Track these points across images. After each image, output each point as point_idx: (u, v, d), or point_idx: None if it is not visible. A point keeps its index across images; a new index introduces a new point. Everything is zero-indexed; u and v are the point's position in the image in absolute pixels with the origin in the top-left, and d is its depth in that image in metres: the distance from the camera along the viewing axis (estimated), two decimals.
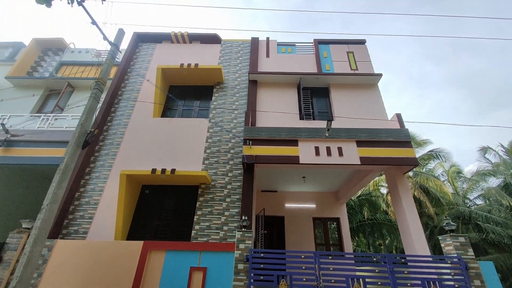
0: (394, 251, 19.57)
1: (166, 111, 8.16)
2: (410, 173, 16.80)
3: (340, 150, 6.26)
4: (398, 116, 6.95)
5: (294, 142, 6.46)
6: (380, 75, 8.01)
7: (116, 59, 6.40)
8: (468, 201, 17.46)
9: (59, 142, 7.06)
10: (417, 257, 4.66)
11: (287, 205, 10.11)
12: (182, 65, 7.89)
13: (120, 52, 6.26)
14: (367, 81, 8.10)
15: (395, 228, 14.61)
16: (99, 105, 6.27)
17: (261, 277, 4.52)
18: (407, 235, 5.79)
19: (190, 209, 6.46)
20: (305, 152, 6.30)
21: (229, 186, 6.55)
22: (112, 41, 6.30)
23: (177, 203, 6.64)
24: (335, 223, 10.17)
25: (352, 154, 6.23)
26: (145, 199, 6.75)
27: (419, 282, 4.25)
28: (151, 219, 6.45)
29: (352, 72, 8.27)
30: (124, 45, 8.02)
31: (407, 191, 6.27)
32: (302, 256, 4.66)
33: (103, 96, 7.43)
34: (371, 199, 16.12)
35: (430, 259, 4.68)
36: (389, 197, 15.10)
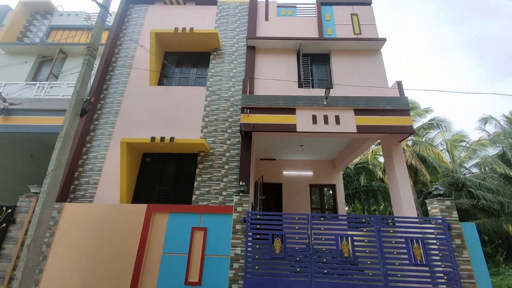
0: None
1: (163, 79, 8.01)
2: (409, 142, 16.95)
3: (337, 119, 6.26)
4: (399, 83, 6.81)
5: (291, 111, 6.45)
6: (384, 40, 7.65)
7: (107, 22, 6.10)
8: (464, 170, 17.83)
9: (58, 110, 7.07)
10: (403, 218, 4.95)
11: (285, 172, 10.42)
12: (176, 29, 7.54)
13: (110, 15, 5.93)
14: (370, 46, 7.77)
15: (390, 194, 15.21)
16: (94, 72, 6.14)
17: (257, 236, 4.88)
18: (397, 199, 6.07)
19: (190, 176, 6.71)
20: (302, 120, 6.32)
21: (227, 154, 6.71)
22: (101, 3, 5.95)
23: (177, 170, 6.87)
24: (331, 189, 10.57)
25: (349, 122, 6.25)
26: (147, 166, 6.98)
27: (403, 240, 4.58)
28: (154, 185, 6.74)
29: (355, 36, 7.89)
30: (114, 7, 7.60)
31: (401, 158, 6.42)
32: (296, 218, 4.96)
33: (97, 63, 7.24)
34: (368, 167, 16.48)
35: (416, 220, 4.98)
36: None
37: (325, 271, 4.49)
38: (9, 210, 5.36)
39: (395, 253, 4.54)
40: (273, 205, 10.05)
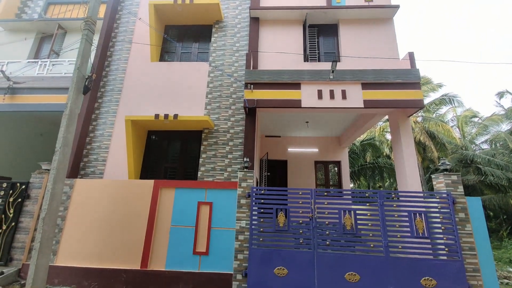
0: None
1: (164, 54, 7.81)
2: (419, 119, 16.54)
3: (343, 93, 6.07)
4: (411, 55, 6.46)
5: (296, 86, 6.26)
6: (397, 7, 7.13)
7: None
8: (474, 146, 17.47)
9: (62, 88, 7.06)
10: (407, 192, 4.96)
11: (290, 149, 10.42)
12: (175, 0, 7.18)
13: None
14: (382, 14, 7.28)
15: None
16: (93, 48, 6.01)
17: (262, 210, 5.00)
18: (402, 174, 6.04)
19: (195, 153, 6.78)
20: (307, 95, 6.16)
21: (231, 131, 6.68)
22: None
23: (182, 147, 6.94)
24: (336, 166, 10.58)
25: (356, 97, 6.06)
26: (153, 144, 7.06)
27: (406, 214, 4.62)
28: (160, 162, 6.87)
29: (366, 4, 7.37)
30: None
31: (409, 134, 6.27)
32: (300, 193, 5.03)
33: (96, 39, 7.06)
34: (375, 143, 16.29)
35: (420, 194, 4.97)
36: None
37: (328, 242, 4.63)
38: (23, 186, 5.59)
39: (397, 226, 4.60)
40: (278, 181, 10.19)
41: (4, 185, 5.62)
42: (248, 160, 5.40)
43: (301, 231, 4.78)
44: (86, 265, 5.03)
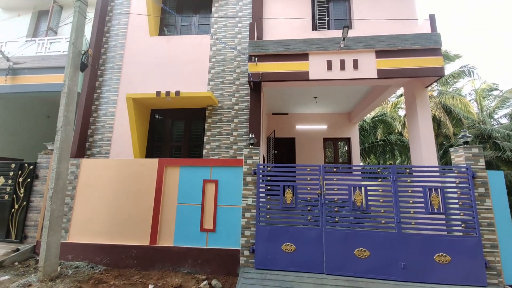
0: None
1: (163, 28, 7.40)
2: (434, 93, 15.68)
3: (355, 63, 5.62)
4: (431, 17, 5.82)
5: (304, 56, 5.83)
6: None
7: None
8: (492, 120, 16.60)
9: (63, 67, 6.85)
10: (422, 167, 4.68)
11: (298, 126, 10.11)
12: None
13: None
14: None
15: (408, 148, 14.69)
16: (88, 21, 5.69)
17: (268, 187, 4.86)
18: (417, 149, 5.71)
19: (199, 131, 6.61)
20: (315, 66, 5.74)
21: (236, 107, 6.42)
22: None
23: (186, 126, 6.77)
24: (345, 143, 10.26)
25: (369, 66, 5.60)
26: (157, 123, 6.92)
27: (421, 189, 4.38)
28: (165, 141, 6.76)
29: None
30: None
31: (426, 105, 5.84)
32: (308, 169, 4.83)
33: (92, 12, 6.71)
34: (386, 119, 15.68)
35: (436, 169, 4.68)
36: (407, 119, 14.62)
37: (336, 219, 4.49)
38: (31, 167, 5.63)
39: (410, 202, 4.39)
40: (286, 160, 10.02)
41: (13, 166, 5.67)
42: (253, 136, 5.19)
43: (309, 208, 4.65)
44: (97, 241, 5.13)
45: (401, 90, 18.22)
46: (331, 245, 4.38)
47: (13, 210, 5.43)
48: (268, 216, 4.75)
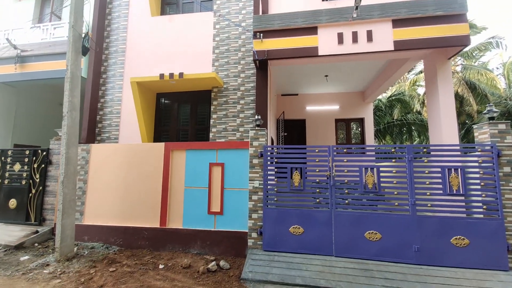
0: None
1: (165, 7, 7.12)
2: (458, 68, 14.57)
3: (369, 34, 5.16)
4: None
5: (312, 30, 5.43)
6: None
7: None
8: None
9: None
10: (441, 146, 4.33)
11: (309, 107, 9.76)
12: None
13: None
14: None
15: (427, 128, 13.96)
16: (87, 2, 5.53)
17: (275, 170, 4.73)
18: (437, 126, 5.31)
19: (206, 114, 6.48)
20: (325, 40, 5.34)
21: (242, 88, 6.20)
22: None
23: (192, 109, 6.66)
24: (359, 124, 9.84)
25: (385, 37, 5.13)
26: (163, 107, 6.85)
27: (439, 169, 4.09)
28: (172, 125, 6.70)
29: None
30: None
31: (448, 79, 5.35)
32: (316, 150, 4.63)
33: None
34: (404, 98, 14.85)
35: (457, 147, 4.33)
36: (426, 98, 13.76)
37: (347, 201, 4.33)
38: (44, 153, 5.78)
39: (427, 183, 4.12)
40: (296, 142, 9.79)
41: (27, 152, 5.85)
42: (259, 118, 5.00)
43: (318, 190, 4.50)
44: (111, 223, 5.29)
45: (420, 66, 17.10)
46: (341, 227, 4.25)
47: (30, 195, 5.66)
48: (275, 199, 4.66)
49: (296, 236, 4.39)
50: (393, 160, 4.37)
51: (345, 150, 4.53)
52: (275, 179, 4.71)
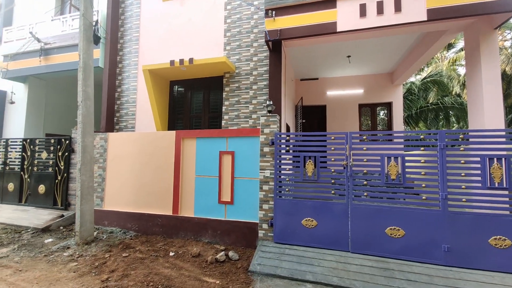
0: None
1: None
2: (507, 43, 12.69)
3: (397, 3, 4.48)
4: None
5: (330, 3, 4.86)
6: None
7: None
8: None
9: None
10: (482, 131, 3.69)
11: (330, 92, 9.13)
12: None
13: None
14: None
15: (467, 112, 12.49)
16: None
17: (287, 158, 4.44)
18: (478, 112, 4.57)
19: (218, 101, 6.30)
20: (345, 14, 4.76)
21: (254, 72, 5.87)
22: None
23: (205, 96, 6.51)
24: (386, 109, 9.02)
25: (416, 6, 4.42)
26: (177, 94, 6.78)
27: (478, 159, 3.50)
28: (185, 113, 6.64)
29: None
30: None
31: (493, 54, 4.52)
32: (332, 138, 4.23)
33: None
34: (441, 80, 13.35)
35: (502, 133, 3.65)
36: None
37: (365, 193, 3.93)
38: (67, 141, 6.05)
39: (462, 174, 3.56)
40: (316, 129, 9.30)
41: (52, 141, 6.18)
42: (271, 103, 4.68)
43: (333, 181, 4.15)
44: (128, 210, 5.45)
45: (461, 43, 15.17)
46: (358, 221, 3.90)
47: (56, 181, 6.01)
48: (287, 190, 4.40)
49: (309, 229, 4.13)
50: (422, 148, 3.83)
51: (364, 137, 4.08)
52: (287, 169, 4.43)
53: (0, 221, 5.62)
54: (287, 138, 4.48)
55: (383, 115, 9.74)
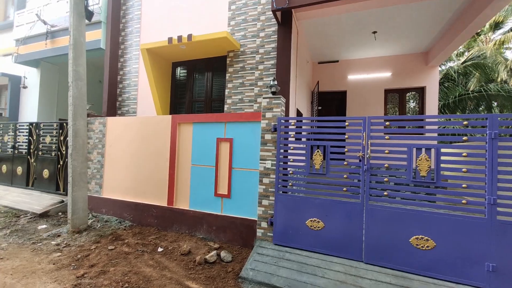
0: None
1: None
2: None
3: None
4: None
5: None
6: None
7: None
8: None
9: (94, 23, 6.65)
10: None
11: (351, 76, 8.15)
12: None
13: None
14: None
15: None
16: None
17: (291, 147, 3.78)
18: None
19: (221, 83, 5.72)
20: None
21: (261, 50, 5.18)
22: None
23: (208, 78, 5.96)
24: (418, 95, 7.86)
25: None
26: (180, 77, 6.31)
27: None
28: (187, 96, 6.17)
29: None
30: None
31: None
32: (347, 124, 3.49)
33: None
34: (485, 64, 11.58)
35: None
36: None
37: (386, 192, 3.18)
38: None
39: None
40: None
41: (55, 125, 6.04)
42: (275, 83, 4.00)
43: (345, 176, 3.44)
44: (124, 198, 5.17)
45: (510, 23, 13.01)
46: (375, 226, 3.19)
47: (59, 166, 5.90)
48: (290, 184, 3.77)
49: (314, 231, 3.49)
50: (464, 138, 2.98)
51: (387, 123, 3.29)
52: (291, 160, 3.79)
53: (5, 204, 5.64)
54: (292, 123, 3.80)
55: (413, 104, 8.55)
